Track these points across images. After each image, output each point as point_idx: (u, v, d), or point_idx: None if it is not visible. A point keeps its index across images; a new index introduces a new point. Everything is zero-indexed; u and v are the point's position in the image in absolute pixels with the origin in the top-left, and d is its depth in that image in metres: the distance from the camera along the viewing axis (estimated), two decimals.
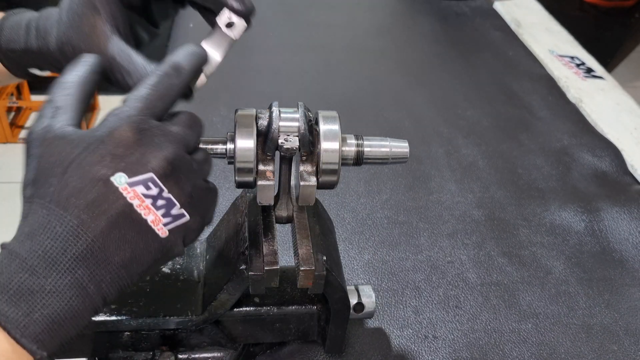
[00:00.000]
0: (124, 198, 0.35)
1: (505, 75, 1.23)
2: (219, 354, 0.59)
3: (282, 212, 0.56)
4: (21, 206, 0.37)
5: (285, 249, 0.71)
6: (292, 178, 0.55)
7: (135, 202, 0.36)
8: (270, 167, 0.48)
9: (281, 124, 0.47)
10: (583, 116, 1.11)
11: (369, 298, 0.60)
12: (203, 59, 0.44)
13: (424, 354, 0.66)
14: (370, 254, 0.78)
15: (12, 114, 2.58)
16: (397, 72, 1.23)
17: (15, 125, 2.52)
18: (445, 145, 1.00)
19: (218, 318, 0.56)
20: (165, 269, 0.59)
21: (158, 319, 0.54)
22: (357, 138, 0.51)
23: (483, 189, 0.91)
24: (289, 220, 0.57)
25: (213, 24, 0.47)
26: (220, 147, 0.47)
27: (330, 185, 0.49)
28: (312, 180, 0.48)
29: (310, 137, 0.47)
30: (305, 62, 1.21)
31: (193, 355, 0.59)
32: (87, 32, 0.43)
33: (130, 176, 0.35)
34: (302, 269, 0.50)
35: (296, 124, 0.47)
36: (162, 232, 0.37)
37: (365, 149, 0.51)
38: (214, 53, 0.46)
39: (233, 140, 0.46)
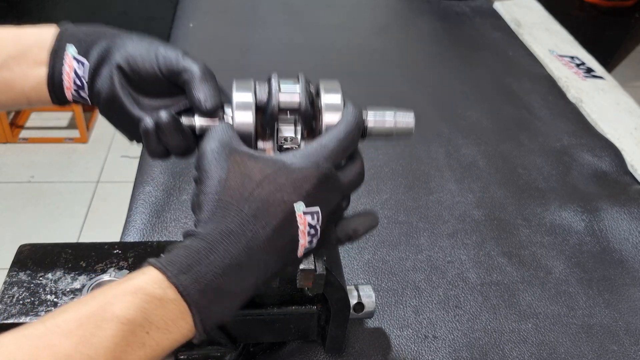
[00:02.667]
0: (297, 225, 0.41)
1: (505, 75, 1.23)
2: (219, 354, 0.59)
3: None
4: (197, 191, 0.42)
5: None
6: None
7: (301, 227, 0.42)
8: (269, 145, 0.47)
9: (281, 99, 0.46)
10: (583, 116, 1.11)
11: (369, 298, 0.60)
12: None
13: (424, 354, 0.66)
14: (370, 254, 0.78)
15: (12, 114, 2.58)
16: (397, 72, 1.23)
17: (15, 125, 2.52)
18: (445, 145, 1.00)
19: None
20: None
21: None
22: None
23: (483, 189, 0.91)
24: None
25: None
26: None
27: None
28: None
29: (311, 111, 0.46)
30: (305, 62, 1.21)
31: (193, 355, 0.59)
32: None
33: (307, 206, 0.41)
34: (302, 268, 0.50)
35: (297, 99, 0.46)
36: (299, 253, 0.43)
37: (369, 124, 0.49)
38: None
39: (231, 115, 0.46)
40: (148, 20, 2.52)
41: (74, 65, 0.48)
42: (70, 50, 0.48)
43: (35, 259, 0.58)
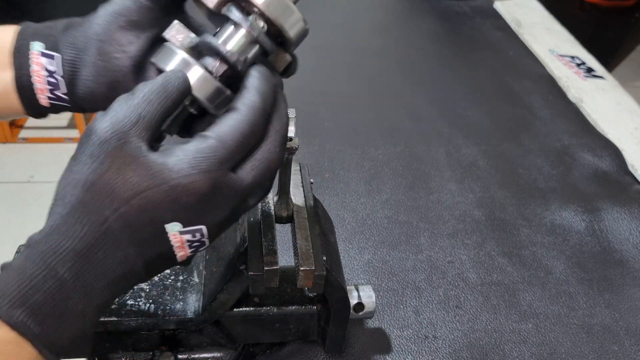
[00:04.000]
0: (169, 244, 0.37)
1: (505, 75, 1.23)
2: (219, 354, 0.59)
3: (282, 212, 0.56)
4: (57, 188, 0.36)
5: (285, 249, 0.71)
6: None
7: (177, 245, 0.37)
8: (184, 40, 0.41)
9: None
10: (583, 116, 1.11)
11: (369, 298, 0.60)
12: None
13: (424, 354, 0.66)
14: (370, 254, 0.78)
15: None
16: (397, 72, 1.23)
17: (14, 125, 2.52)
18: (445, 145, 1.00)
19: (218, 318, 0.56)
20: None
21: (158, 319, 0.54)
22: None
23: (483, 189, 0.91)
24: (289, 220, 0.57)
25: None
26: None
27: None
28: None
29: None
30: (305, 62, 1.21)
31: (193, 355, 0.59)
32: None
33: (185, 226, 0.36)
34: (302, 269, 0.50)
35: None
36: (180, 256, 0.38)
37: None
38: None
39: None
40: None
41: (42, 62, 0.42)
42: (36, 47, 0.42)
43: None
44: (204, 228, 0.37)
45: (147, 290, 0.56)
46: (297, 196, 0.57)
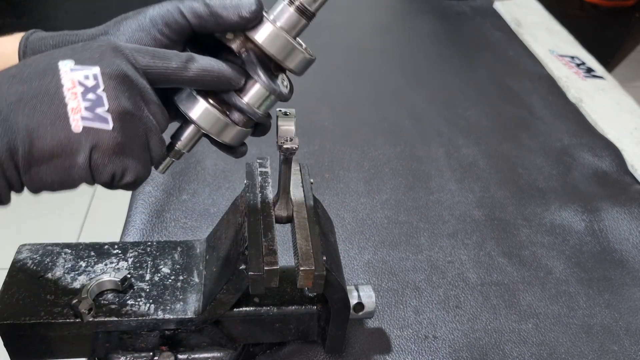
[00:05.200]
0: (59, 77, 0.36)
1: (505, 75, 1.23)
2: (219, 354, 0.59)
3: (282, 212, 0.56)
4: None
5: (285, 249, 0.71)
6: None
7: (67, 85, 0.36)
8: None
9: None
10: (583, 116, 1.11)
11: (369, 298, 0.60)
12: (223, 80, 0.42)
13: (424, 354, 0.66)
14: (370, 254, 0.78)
15: None
16: (397, 72, 1.23)
17: None
18: (445, 145, 1.00)
19: (218, 318, 0.56)
20: (165, 269, 0.59)
21: (158, 319, 0.54)
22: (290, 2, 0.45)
23: (483, 189, 0.91)
24: (289, 220, 0.57)
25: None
26: None
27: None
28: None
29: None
30: None
31: (193, 355, 0.59)
32: None
33: (76, 64, 0.37)
34: (302, 269, 0.50)
35: None
36: (76, 125, 0.36)
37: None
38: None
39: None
40: None
41: None
42: None
43: (35, 259, 0.58)
44: (97, 70, 0.37)
45: (147, 290, 0.56)
46: (297, 196, 0.58)
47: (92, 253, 0.60)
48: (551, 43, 1.36)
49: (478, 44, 1.36)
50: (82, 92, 0.36)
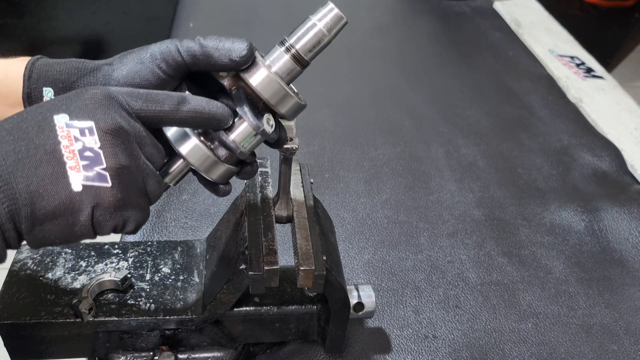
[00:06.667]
0: (55, 134, 0.36)
1: (505, 75, 1.23)
2: (219, 354, 0.59)
3: (282, 212, 0.56)
4: None
5: (285, 249, 0.71)
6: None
7: (64, 142, 0.36)
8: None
9: None
10: (583, 116, 1.11)
11: (369, 298, 0.60)
12: (215, 120, 0.43)
13: (424, 354, 0.66)
14: (370, 253, 0.78)
15: None
16: (397, 72, 1.23)
17: None
18: (445, 145, 1.00)
19: (218, 318, 0.56)
20: (165, 269, 0.59)
21: (158, 319, 0.54)
22: (282, 44, 0.47)
23: (483, 189, 0.91)
24: (289, 220, 0.57)
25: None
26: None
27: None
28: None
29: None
30: None
31: (193, 355, 0.59)
32: None
33: (71, 119, 0.37)
34: (302, 268, 0.50)
35: None
36: (76, 183, 0.37)
37: (298, 47, 0.47)
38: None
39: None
40: (148, 20, 2.52)
41: None
42: (49, 96, 0.45)
43: (36, 258, 0.59)
44: (92, 124, 0.37)
45: (148, 290, 0.57)
46: (297, 196, 0.58)
47: (93, 253, 0.60)
48: (551, 43, 1.36)
49: (478, 44, 1.36)
50: (79, 150, 0.37)
